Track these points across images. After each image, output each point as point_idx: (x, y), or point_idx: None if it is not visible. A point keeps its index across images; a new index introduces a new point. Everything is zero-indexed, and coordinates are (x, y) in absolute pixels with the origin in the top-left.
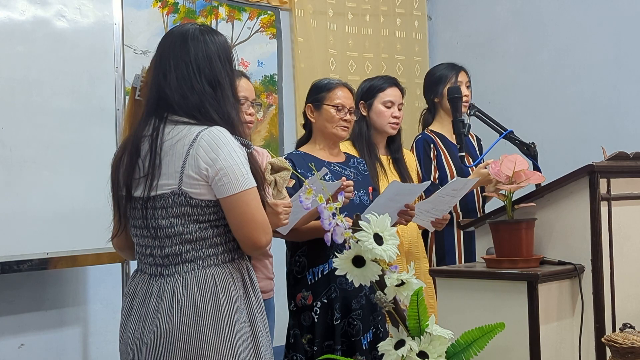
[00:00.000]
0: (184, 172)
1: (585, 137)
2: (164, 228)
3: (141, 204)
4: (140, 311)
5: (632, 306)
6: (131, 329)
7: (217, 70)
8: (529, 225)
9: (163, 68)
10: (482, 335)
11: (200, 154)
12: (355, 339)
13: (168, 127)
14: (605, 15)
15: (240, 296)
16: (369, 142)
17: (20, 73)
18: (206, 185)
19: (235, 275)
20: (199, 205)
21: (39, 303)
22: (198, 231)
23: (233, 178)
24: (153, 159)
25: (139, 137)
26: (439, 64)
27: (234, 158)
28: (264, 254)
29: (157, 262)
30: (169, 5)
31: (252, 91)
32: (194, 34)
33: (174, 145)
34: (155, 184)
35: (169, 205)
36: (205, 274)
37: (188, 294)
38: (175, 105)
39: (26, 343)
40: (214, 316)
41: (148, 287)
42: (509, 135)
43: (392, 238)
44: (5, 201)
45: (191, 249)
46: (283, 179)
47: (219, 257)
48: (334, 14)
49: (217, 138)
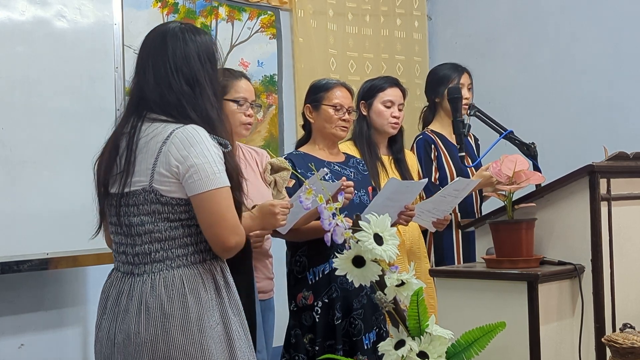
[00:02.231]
0: (155, 169)
1: (585, 137)
2: (135, 225)
3: (116, 200)
4: (113, 310)
5: (632, 306)
6: (105, 328)
7: (196, 69)
8: (529, 225)
9: (143, 67)
10: (483, 335)
11: (172, 151)
12: (357, 338)
13: (145, 124)
14: (605, 15)
15: (211, 298)
16: (370, 142)
17: (20, 73)
18: (177, 183)
19: (206, 277)
20: (170, 203)
21: (39, 303)
22: (168, 230)
23: (204, 176)
24: (128, 157)
25: (118, 134)
26: (442, 64)
27: (206, 156)
28: (263, 254)
29: (129, 260)
30: (169, 5)
31: (252, 92)
32: (174, 32)
33: (148, 142)
34: (129, 181)
35: (140, 202)
36: (173, 274)
37: (155, 295)
38: (153, 104)
39: (26, 343)
40: (181, 318)
41: (121, 285)
42: (509, 135)
43: (392, 238)
44: (5, 201)
45: (160, 248)
46: (283, 179)
47: (188, 257)
48: (334, 14)
49: (191, 136)
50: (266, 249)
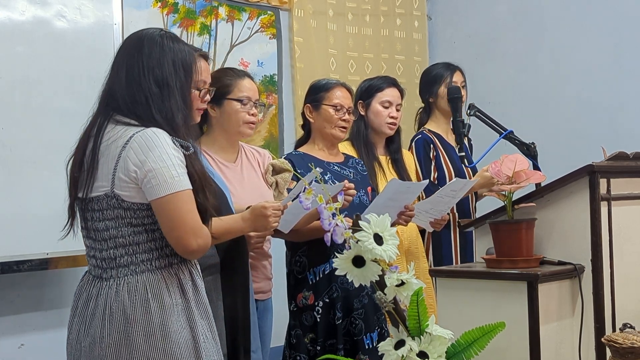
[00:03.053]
0: (115, 174)
1: (585, 137)
2: (100, 231)
3: (83, 205)
4: (82, 313)
5: (632, 306)
6: (75, 331)
7: (167, 72)
8: (529, 225)
9: (117, 66)
10: (482, 335)
11: (130, 156)
12: (358, 338)
13: (109, 126)
14: (605, 15)
15: (176, 303)
16: (367, 142)
17: (20, 73)
18: (136, 188)
19: (170, 281)
20: (131, 208)
21: (39, 303)
22: (132, 235)
23: (162, 180)
24: (92, 160)
25: (87, 135)
26: (434, 64)
27: (164, 160)
28: (263, 255)
29: (98, 264)
30: (169, 5)
31: (256, 91)
32: (152, 36)
33: (109, 146)
34: (93, 186)
35: (103, 207)
36: (136, 280)
37: (119, 301)
38: (121, 102)
39: (26, 343)
40: (144, 323)
41: (90, 288)
42: (509, 135)
43: (392, 238)
44: (5, 201)
45: (125, 253)
46: (284, 181)
47: (153, 262)
48: (334, 14)
49: (149, 139)
50: (266, 250)
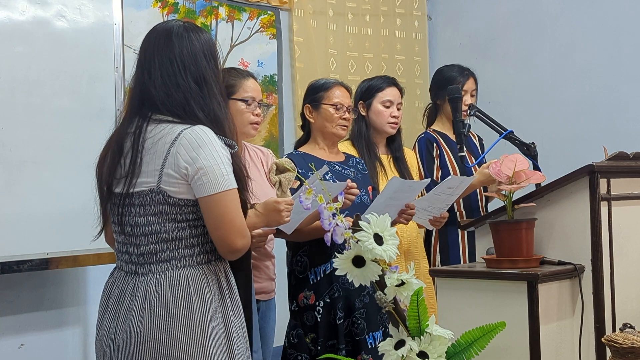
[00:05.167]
0: (163, 170)
1: (585, 137)
2: (141, 226)
3: (120, 200)
4: (115, 309)
5: (632, 306)
6: (106, 327)
7: (203, 67)
8: (529, 225)
9: (147, 66)
10: (483, 335)
11: (180, 152)
12: (360, 338)
13: (151, 125)
14: (605, 15)
15: (214, 299)
16: (369, 142)
17: (20, 73)
18: (185, 184)
19: (211, 278)
20: (177, 204)
21: (39, 303)
22: (175, 230)
23: (212, 178)
24: (134, 157)
25: (122, 135)
26: (449, 65)
27: (215, 158)
28: (266, 255)
29: (133, 260)
30: (169, 5)
31: (260, 91)
32: (178, 31)
33: (156, 143)
34: (135, 182)
35: (146, 202)
36: (178, 274)
37: (160, 295)
38: (159, 103)
39: (26, 343)
40: (185, 318)
41: (124, 284)
42: (509, 135)
43: (392, 238)
44: (5, 201)
45: (166, 248)
46: (288, 180)
47: (194, 258)
48: (334, 14)
49: (199, 137)
50: (269, 250)
